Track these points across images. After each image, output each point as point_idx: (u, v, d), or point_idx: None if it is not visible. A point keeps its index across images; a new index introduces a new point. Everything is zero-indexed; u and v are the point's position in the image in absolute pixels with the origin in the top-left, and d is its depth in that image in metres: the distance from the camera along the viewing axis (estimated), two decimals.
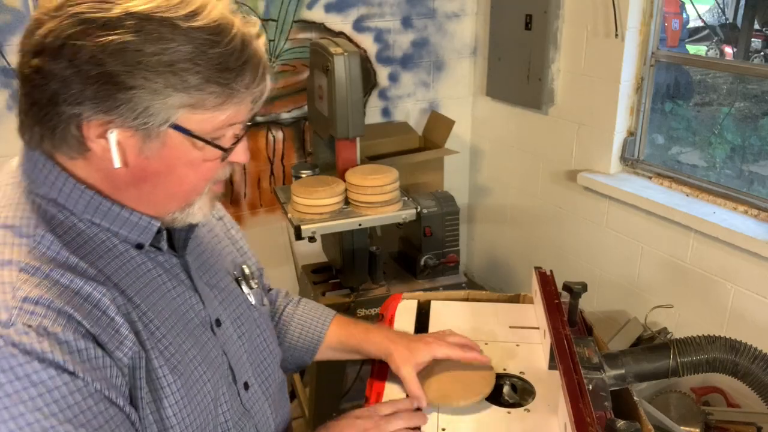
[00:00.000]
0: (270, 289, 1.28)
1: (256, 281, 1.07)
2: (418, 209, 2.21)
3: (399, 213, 2.18)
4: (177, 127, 0.75)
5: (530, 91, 2.93)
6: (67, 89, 0.71)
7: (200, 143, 0.78)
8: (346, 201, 2.18)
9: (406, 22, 3.10)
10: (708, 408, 2.19)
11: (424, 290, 1.93)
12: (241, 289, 1.03)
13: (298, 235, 2.08)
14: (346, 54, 2.08)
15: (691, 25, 5.96)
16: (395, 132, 3.05)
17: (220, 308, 0.94)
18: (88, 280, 0.76)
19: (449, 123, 2.91)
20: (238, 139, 0.82)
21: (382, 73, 3.13)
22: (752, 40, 5.04)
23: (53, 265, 0.75)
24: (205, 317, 0.91)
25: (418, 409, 1.12)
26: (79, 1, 0.71)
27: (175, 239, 0.91)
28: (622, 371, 1.21)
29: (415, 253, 2.42)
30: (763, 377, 1.20)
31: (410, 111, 3.25)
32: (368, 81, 3.08)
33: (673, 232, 2.43)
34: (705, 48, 5.92)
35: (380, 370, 1.30)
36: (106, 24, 0.69)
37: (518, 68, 2.96)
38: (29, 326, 0.69)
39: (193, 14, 0.72)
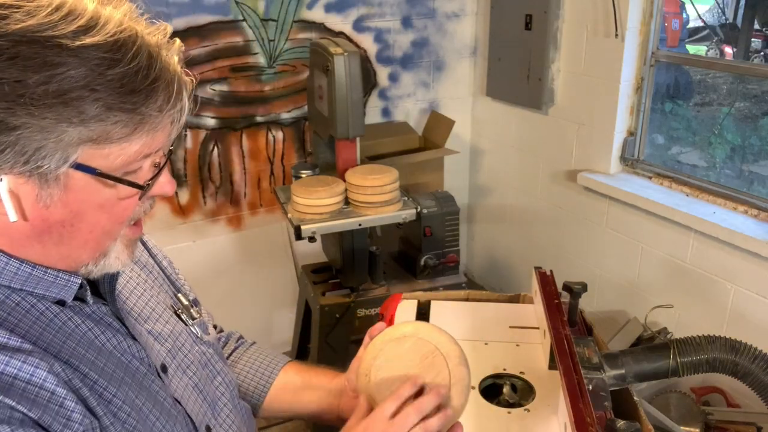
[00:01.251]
0: (221, 331, 1.18)
1: (197, 309, 0.99)
2: (418, 209, 2.21)
3: (399, 213, 2.18)
4: (79, 167, 0.63)
5: (530, 91, 2.93)
6: None
7: (110, 182, 0.66)
8: (346, 201, 2.18)
9: (406, 22, 3.10)
10: (708, 408, 2.19)
11: (424, 290, 1.93)
12: (183, 321, 0.93)
13: (298, 235, 2.08)
14: (346, 54, 2.08)
15: (691, 25, 5.96)
16: (395, 132, 3.05)
17: (163, 352, 0.85)
18: (13, 352, 0.64)
19: (449, 123, 2.91)
20: (158, 170, 0.70)
21: (382, 73, 3.13)
22: (752, 40, 5.03)
23: None
24: (150, 365, 0.80)
25: (420, 394, 0.89)
26: None
27: (100, 285, 0.79)
28: (622, 371, 1.21)
29: (415, 253, 2.43)
30: (763, 377, 1.20)
31: (410, 111, 3.25)
32: (368, 81, 3.08)
33: (673, 232, 2.43)
34: (705, 48, 5.92)
35: None
36: None
37: (518, 68, 2.96)
38: None
39: (84, 29, 0.60)
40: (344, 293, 2.36)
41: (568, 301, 1.33)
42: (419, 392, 0.89)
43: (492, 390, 1.27)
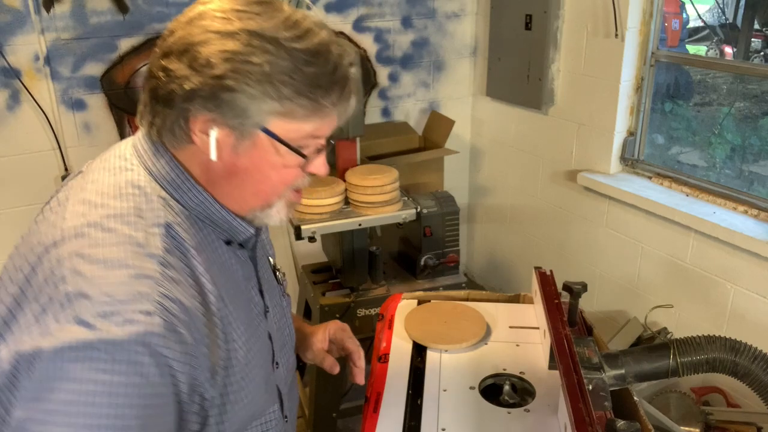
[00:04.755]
0: None
1: (281, 271, 1.16)
2: (418, 209, 2.21)
3: (399, 213, 2.18)
4: (267, 131, 0.84)
5: (530, 91, 2.93)
6: (183, 87, 0.81)
7: (284, 149, 0.86)
8: (346, 201, 2.18)
9: (406, 22, 3.10)
10: (708, 408, 2.19)
11: (424, 290, 1.94)
12: (277, 279, 1.11)
13: (298, 235, 2.08)
14: None
15: (691, 25, 5.96)
16: (395, 132, 3.05)
17: (267, 297, 1.03)
18: (203, 275, 0.85)
19: (449, 123, 2.91)
20: (319, 151, 0.90)
21: (382, 73, 3.13)
22: (752, 40, 5.04)
23: (180, 261, 0.83)
24: (262, 307, 1.01)
25: None
26: (206, 18, 0.82)
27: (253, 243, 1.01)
28: (622, 371, 1.21)
29: (415, 253, 2.42)
30: (763, 377, 1.20)
31: (410, 111, 3.25)
32: (368, 81, 3.08)
33: (673, 232, 2.43)
34: (705, 48, 5.92)
35: (381, 371, 1.30)
36: (225, 36, 0.81)
37: (518, 68, 2.96)
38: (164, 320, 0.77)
39: (299, 37, 0.82)
40: (344, 293, 2.36)
41: (568, 301, 1.33)
42: None
43: (492, 390, 1.27)
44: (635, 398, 1.16)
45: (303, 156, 0.87)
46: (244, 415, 0.93)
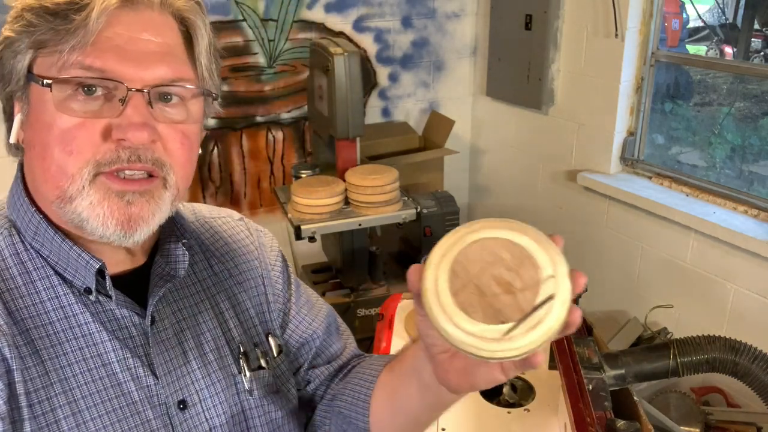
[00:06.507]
0: (355, 355, 0.97)
1: (272, 358, 0.84)
2: (418, 209, 2.21)
3: (399, 213, 2.18)
4: (31, 76, 0.66)
5: (530, 91, 2.93)
6: None
7: (52, 90, 0.64)
8: (346, 201, 2.18)
9: (406, 22, 3.10)
10: (708, 408, 2.19)
11: None
12: (239, 368, 0.80)
13: (298, 235, 2.08)
14: (346, 54, 2.08)
15: (691, 25, 5.96)
16: (395, 132, 3.05)
17: (191, 388, 0.75)
18: None
19: (449, 123, 2.91)
20: (108, 96, 0.65)
21: (382, 73, 3.12)
22: (752, 40, 5.03)
23: None
24: (155, 395, 0.72)
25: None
26: None
27: (150, 293, 0.74)
28: (622, 371, 1.21)
29: (415, 253, 2.42)
30: (763, 377, 1.20)
31: (410, 111, 3.25)
32: (368, 81, 3.08)
33: (673, 232, 2.43)
34: (705, 48, 5.92)
35: None
36: None
37: (518, 68, 2.96)
38: None
39: None
40: (344, 293, 2.36)
41: None
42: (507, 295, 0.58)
43: (492, 390, 1.27)
44: (635, 398, 1.16)
45: (61, 81, 0.64)
46: None
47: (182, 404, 0.74)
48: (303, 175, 2.31)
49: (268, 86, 2.87)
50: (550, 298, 0.59)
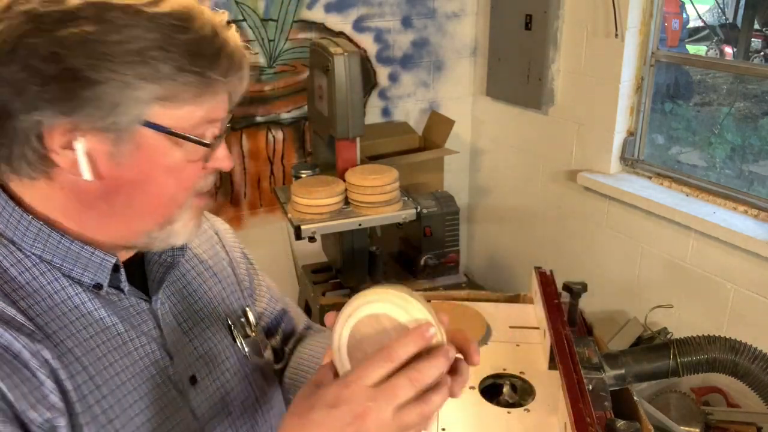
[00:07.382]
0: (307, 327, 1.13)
1: (253, 328, 0.93)
2: (418, 209, 2.21)
3: (399, 213, 2.18)
4: (151, 125, 0.67)
5: (530, 91, 2.93)
6: (22, 95, 0.63)
7: (179, 140, 0.69)
8: (346, 201, 2.18)
9: (406, 22, 3.10)
10: (708, 408, 2.19)
11: (424, 290, 1.94)
12: (233, 337, 0.89)
13: (298, 235, 2.08)
14: (346, 54, 2.08)
15: (691, 25, 5.96)
16: (395, 132, 3.05)
17: (199, 363, 0.82)
18: (11, 329, 0.65)
19: (449, 123, 2.91)
20: (217, 140, 0.73)
21: (382, 73, 3.12)
22: (752, 40, 5.03)
23: None
24: (172, 374, 0.78)
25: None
26: (31, 0, 0.64)
27: (150, 279, 0.81)
28: (622, 371, 1.21)
29: (415, 253, 2.43)
30: (763, 377, 1.20)
31: (410, 111, 3.25)
32: (368, 81, 3.08)
33: (673, 232, 2.43)
34: (705, 48, 5.92)
35: None
36: (62, 17, 0.62)
37: (518, 68, 2.96)
38: None
39: (155, 2, 0.66)
40: (344, 293, 2.36)
41: (568, 301, 1.33)
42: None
43: (492, 390, 1.27)
44: (635, 398, 1.16)
45: (205, 144, 0.70)
46: None
47: (192, 379, 0.81)
48: (303, 175, 2.31)
49: (268, 86, 2.87)
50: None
